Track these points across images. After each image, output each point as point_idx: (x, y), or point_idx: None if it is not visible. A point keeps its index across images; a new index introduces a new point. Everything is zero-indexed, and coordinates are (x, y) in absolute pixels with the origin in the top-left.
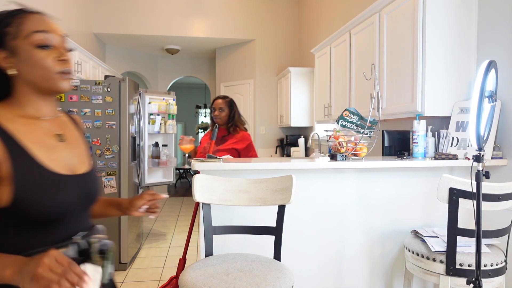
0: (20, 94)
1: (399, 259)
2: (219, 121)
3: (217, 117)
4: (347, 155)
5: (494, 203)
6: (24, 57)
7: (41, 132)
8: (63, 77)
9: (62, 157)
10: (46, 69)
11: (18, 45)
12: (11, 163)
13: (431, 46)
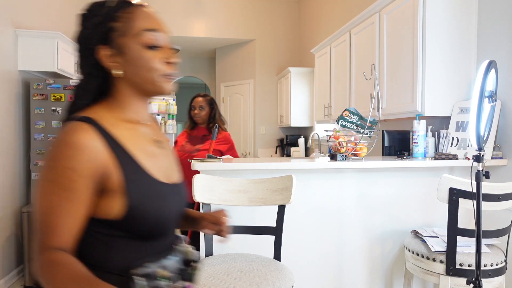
0: (121, 95)
1: (399, 259)
2: (199, 119)
3: (197, 116)
4: (347, 155)
5: (494, 203)
6: (132, 57)
7: (142, 138)
8: (168, 79)
9: (162, 165)
10: (154, 71)
11: (126, 43)
12: (122, 173)
13: (431, 46)
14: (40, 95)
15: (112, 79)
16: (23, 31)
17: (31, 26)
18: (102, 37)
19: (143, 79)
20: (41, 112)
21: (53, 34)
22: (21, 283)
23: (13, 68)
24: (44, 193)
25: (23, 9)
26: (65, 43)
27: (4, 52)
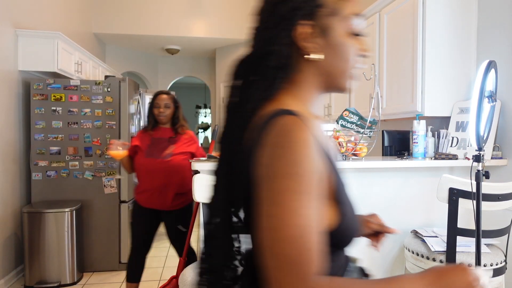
0: (307, 85)
1: (399, 259)
2: (164, 119)
3: (162, 115)
4: (347, 155)
5: (494, 203)
6: (335, 41)
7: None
8: (353, 75)
9: None
10: (350, 63)
11: (333, 24)
12: (334, 176)
13: (431, 46)
14: (40, 95)
15: (300, 64)
16: (23, 31)
17: (31, 26)
18: (309, 11)
19: (337, 70)
20: (41, 112)
21: (53, 34)
22: (21, 283)
23: (13, 68)
24: (291, 209)
25: (23, 9)
26: (65, 43)
27: (4, 52)
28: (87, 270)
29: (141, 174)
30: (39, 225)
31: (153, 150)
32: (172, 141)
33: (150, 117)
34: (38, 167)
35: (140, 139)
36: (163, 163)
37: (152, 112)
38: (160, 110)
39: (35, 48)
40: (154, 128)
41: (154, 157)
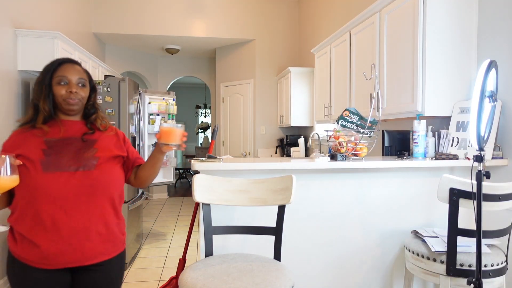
0: None
1: (399, 259)
2: (76, 106)
3: (75, 97)
4: (347, 155)
5: (495, 203)
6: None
7: None
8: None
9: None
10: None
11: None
12: None
13: (431, 46)
14: None
15: None
16: (23, 31)
17: (31, 26)
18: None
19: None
20: None
21: (52, 34)
22: None
23: (13, 68)
24: None
25: (23, 9)
26: (64, 43)
27: (4, 52)
28: None
29: (35, 204)
30: None
31: (58, 159)
32: (89, 140)
33: (44, 102)
34: None
35: (21, 144)
36: (83, 177)
37: (49, 93)
38: (72, 89)
39: (34, 48)
40: (50, 121)
41: (62, 170)
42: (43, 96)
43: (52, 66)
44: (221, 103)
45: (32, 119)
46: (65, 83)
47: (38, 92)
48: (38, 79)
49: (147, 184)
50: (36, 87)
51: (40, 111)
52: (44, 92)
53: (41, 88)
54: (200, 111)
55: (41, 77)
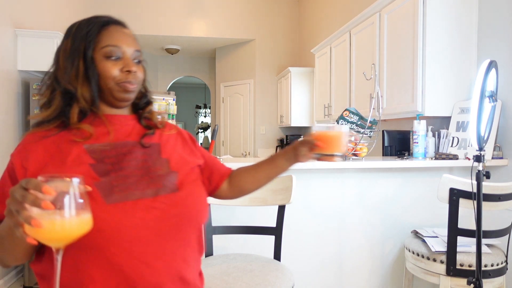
0: None
1: (399, 259)
2: (133, 93)
3: (133, 82)
4: (347, 155)
5: (495, 203)
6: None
7: None
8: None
9: None
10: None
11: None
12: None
13: (431, 46)
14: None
15: None
16: (23, 31)
17: (31, 26)
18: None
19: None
20: None
21: (52, 34)
22: (20, 283)
23: (13, 68)
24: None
25: (23, 9)
26: None
27: (4, 52)
28: None
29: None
30: None
31: (122, 179)
32: (152, 145)
33: (84, 86)
34: None
35: (47, 157)
36: (166, 205)
37: (92, 71)
38: (131, 68)
39: (34, 48)
40: (87, 118)
41: (134, 197)
42: (81, 76)
43: (92, 26)
44: (221, 103)
45: (58, 115)
46: (117, 58)
47: (68, 69)
48: (64, 47)
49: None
50: (62, 61)
51: (74, 101)
52: (81, 70)
53: (74, 62)
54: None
55: (71, 44)
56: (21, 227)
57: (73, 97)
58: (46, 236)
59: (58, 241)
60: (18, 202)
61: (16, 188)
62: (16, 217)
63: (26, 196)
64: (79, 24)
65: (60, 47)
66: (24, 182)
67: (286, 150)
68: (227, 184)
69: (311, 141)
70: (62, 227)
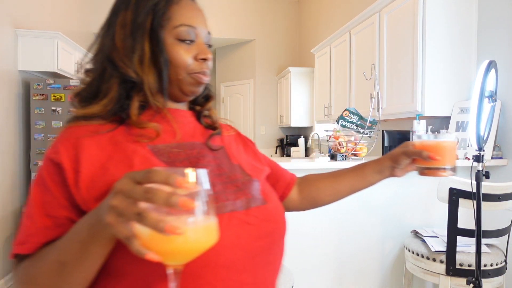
0: None
1: (399, 259)
2: (203, 85)
3: (207, 72)
4: (347, 155)
5: (494, 203)
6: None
7: None
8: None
9: None
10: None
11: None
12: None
13: (431, 46)
14: (40, 95)
15: None
16: (23, 31)
17: (31, 26)
18: None
19: None
20: (41, 112)
21: (53, 34)
22: None
23: (13, 68)
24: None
25: (23, 9)
26: (65, 43)
27: (4, 52)
28: None
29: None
30: None
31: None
32: (220, 148)
33: (150, 71)
34: (38, 167)
35: (105, 157)
36: (259, 220)
37: (161, 52)
38: (207, 55)
39: (35, 48)
40: (146, 111)
41: (226, 209)
42: (146, 61)
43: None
44: (221, 103)
45: (114, 108)
46: (190, 42)
47: (129, 51)
48: (123, 21)
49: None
50: (121, 39)
51: (135, 92)
52: (148, 53)
53: (137, 42)
54: None
55: (133, 17)
56: (136, 239)
57: (134, 86)
58: (177, 248)
59: (186, 256)
60: (134, 202)
61: (127, 183)
62: (125, 226)
63: (154, 193)
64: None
65: (112, 18)
66: (143, 173)
67: (380, 161)
68: (297, 194)
69: (419, 152)
70: (200, 235)
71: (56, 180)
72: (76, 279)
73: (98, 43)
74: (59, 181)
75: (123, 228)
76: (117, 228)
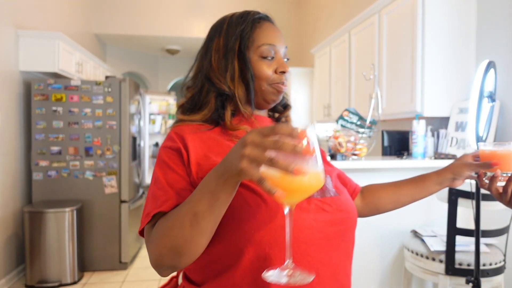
0: None
1: (398, 258)
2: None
3: (285, 84)
4: (346, 155)
5: (493, 202)
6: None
7: None
8: None
9: None
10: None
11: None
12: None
13: (430, 46)
14: (41, 96)
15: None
16: (24, 31)
17: (32, 26)
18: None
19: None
20: (42, 113)
21: (54, 34)
22: (22, 282)
23: (14, 68)
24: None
25: (24, 10)
26: (66, 44)
27: (5, 52)
28: (88, 270)
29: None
30: (40, 224)
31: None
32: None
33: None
34: (39, 167)
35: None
36: (334, 208)
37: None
38: (285, 68)
39: (36, 48)
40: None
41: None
42: (237, 77)
43: (246, 23)
44: None
45: (212, 116)
46: (271, 58)
47: (223, 70)
48: (217, 46)
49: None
50: (216, 60)
51: (228, 102)
52: (237, 70)
53: (229, 62)
54: None
55: (224, 42)
56: (266, 180)
57: (227, 99)
58: (298, 186)
59: (303, 195)
60: (265, 150)
61: (256, 136)
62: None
63: (282, 143)
64: (230, 21)
65: (209, 44)
66: (269, 128)
67: (441, 173)
68: (361, 201)
69: (484, 164)
70: (314, 177)
71: (177, 162)
72: (204, 228)
73: (196, 65)
74: (179, 162)
75: (255, 172)
76: (251, 172)
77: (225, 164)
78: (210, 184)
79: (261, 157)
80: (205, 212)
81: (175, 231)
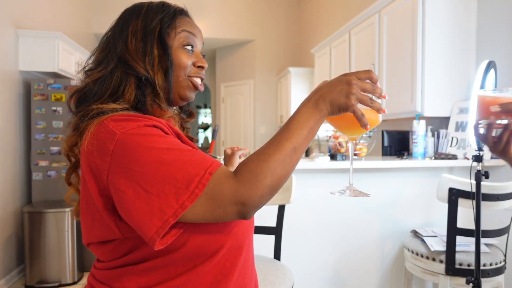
0: None
1: (399, 258)
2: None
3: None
4: (346, 155)
5: (493, 202)
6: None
7: None
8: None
9: None
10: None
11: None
12: None
13: (430, 46)
14: (41, 95)
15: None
16: (24, 31)
17: (32, 26)
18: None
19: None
20: (41, 113)
21: (54, 34)
22: (22, 283)
23: (14, 68)
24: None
25: (24, 9)
26: (65, 43)
27: (5, 52)
28: (88, 270)
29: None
30: (40, 225)
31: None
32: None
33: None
34: (38, 167)
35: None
36: None
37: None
38: (204, 64)
39: (35, 48)
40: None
41: None
42: (156, 63)
43: (168, 10)
44: (221, 103)
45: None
46: (191, 51)
47: (140, 53)
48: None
49: None
50: (133, 42)
51: (146, 90)
52: (156, 56)
53: (147, 46)
54: (200, 111)
55: (143, 24)
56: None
57: (147, 85)
58: (376, 120)
59: (371, 129)
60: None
61: (355, 77)
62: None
63: (376, 87)
64: (150, 6)
65: (123, 25)
66: (367, 74)
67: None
68: None
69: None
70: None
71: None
72: (298, 161)
73: (102, 48)
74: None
75: (359, 108)
76: (356, 107)
77: (328, 100)
78: (309, 120)
79: (365, 97)
80: (302, 146)
81: (278, 169)
